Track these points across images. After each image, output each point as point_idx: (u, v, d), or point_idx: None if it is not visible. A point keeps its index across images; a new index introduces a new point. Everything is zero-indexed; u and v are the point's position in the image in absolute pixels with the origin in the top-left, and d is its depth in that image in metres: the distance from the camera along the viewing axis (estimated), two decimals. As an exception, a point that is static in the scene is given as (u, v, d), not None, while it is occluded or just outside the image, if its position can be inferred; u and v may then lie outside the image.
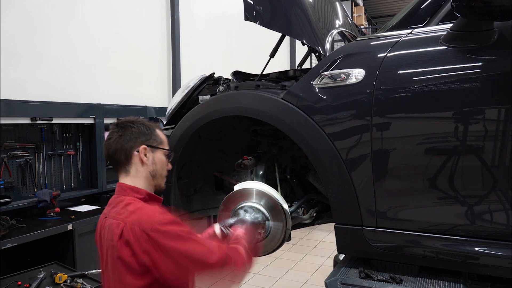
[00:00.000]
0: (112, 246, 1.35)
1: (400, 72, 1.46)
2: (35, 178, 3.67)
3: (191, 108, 2.01)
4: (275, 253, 1.82)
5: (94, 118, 4.08)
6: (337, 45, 1.76)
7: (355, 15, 11.36)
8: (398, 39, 1.51)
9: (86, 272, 2.73)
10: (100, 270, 2.70)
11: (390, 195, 1.47)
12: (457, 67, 1.36)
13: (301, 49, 4.90)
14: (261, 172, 2.05)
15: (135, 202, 1.40)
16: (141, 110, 4.71)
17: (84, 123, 4.07)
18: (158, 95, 5.67)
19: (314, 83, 1.61)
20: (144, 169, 1.46)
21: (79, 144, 4.10)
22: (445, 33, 1.39)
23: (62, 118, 3.81)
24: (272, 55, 2.01)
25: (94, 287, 2.57)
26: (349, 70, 1.53)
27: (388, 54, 1.48)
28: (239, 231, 1.57)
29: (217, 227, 1.66)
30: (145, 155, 1.45)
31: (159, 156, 1.49)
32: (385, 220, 1.47)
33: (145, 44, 5.39)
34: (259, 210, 1.71)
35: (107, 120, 4.25)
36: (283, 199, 1.76)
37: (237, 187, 1.80)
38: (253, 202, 1.73)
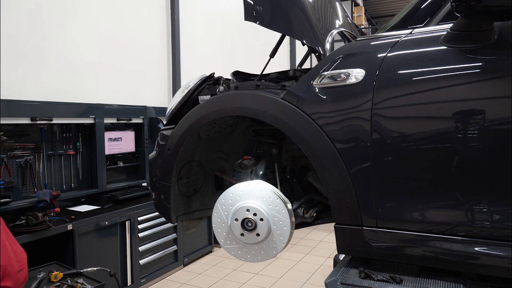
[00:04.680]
0: None
1: (400, 72, 1.46)
2: (35, 178, 3.67)
3: (191, 108, 2.01)
4: (275, 253, 1.82)
5: (94, 118, 4.08)
6: (337, 45, 1.76)
7: (355, 15, 11.37)
8: (398, 39, 1.51)
9: (82, 270, 2.74)
10: (96, 268, 2.72)
11: (390, 195, 1.47)
12: (457, 67, 1.36)
13: (301, 49, 4.90)
14: (261, 172, 2.06)
15: None
16: (141, 110, 4.71)
17: (84, 123, 4.07)
18: (158, 95, 5.67)
19: (314, 83, 1.61)
20: None
21: (79, 144, 4.10)
22: (445, 33, 1.39)
23: (62, 118, 3.81)
24: (272, 55, 2.01)
25: (94, 287, 2.57)
26: (349, 70, 1.53)
27: (388, 54, 1.48)
28: None
29: None
30: None
31: None
32: (385, 220, 1.47)
33: (145, 44, 5.40)
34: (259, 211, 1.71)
35: (107, 120, 4.25)
36: (286, 198, 1.76)
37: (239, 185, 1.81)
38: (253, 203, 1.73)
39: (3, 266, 1.59)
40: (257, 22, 1.87)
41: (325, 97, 1.57)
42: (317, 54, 1.96)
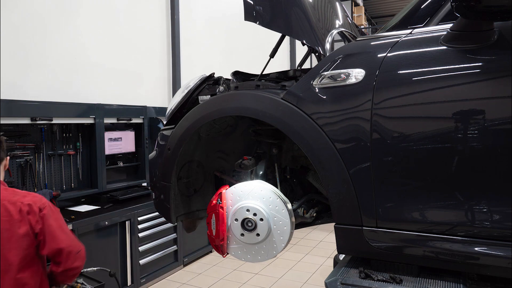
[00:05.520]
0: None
1: (400, 72, 1.46)
2: (35, 178, 3.67)
3: (191, 108, 2.01)
4: (275, 253, 1.82)
5: (94, 118, 4.08)
6: (337, 45, 1.76)
7: (355, 15, 11.36)
8: (398, 39, 1.50)
9: (82, 270, 2.73)
10: (96, 268, 2.75)
11: (390, 195, 1.47)
12: (457, 67, 1.36)
13: (301, 49, 4.90)
14: (261, 172, 2.05)
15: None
16: (141, 110, 4.71)
17: (84, 123, 4.07)
18: (158, 95, 5.67)
19: (314, 83, 1.61)
20: None
21: (79, 144, 4.10)
22: (445, 33, 1.39)
23: (62, 118, 3.81)
24: (272, 55, 2.01)
25: (94, 287, 2.57)
26: (349, 70, 1.53)
27: (388, 54, 1.48)
28: None
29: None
30: None
31: None
32: (385, 220, 1.47)
33: (145, 44, 5.40)
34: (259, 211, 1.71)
35: (107, 120, 4.25)
36: (286, 198, 1.76)
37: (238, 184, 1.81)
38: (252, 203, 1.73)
39: (82, 250, 2.04)
40: (257, 22, 1.87)
41: (325, 97, 1.57)
42: (317, 54, 1.96)
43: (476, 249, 1.35)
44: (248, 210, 1.72)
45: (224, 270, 4.79)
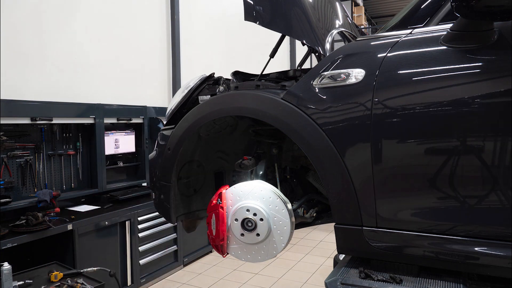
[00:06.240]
0: None
1: (400, 72, 1.46)
2: (35, 178, 3.67)
3: (191, 108, 2.01)
4: (275, 253, 1.82)
5: (94, 118, 4.08)
6: (337, 45, 1.76)
7: (355, 15, 11.36)
8: (398, 39, 1.51)
9: (82, 270, 2.74)
10: (96, 268, 2.70)
11: (390, 195, 1.47)
12: (457, 67, 1.36)
13: (301, 49, 4.90)
14: (261, 172, 2.06)
15: None
16: (141, 110, 4.71)
17: (84, 123, 4.07)
18: (158, 95, 5.67)
19: (314, 83, 1.61)
20: None
21: (79, 144, 4.11)
22: (445, 33, 1.39)
23: (62, 118, 3.81)
24: (272, 55, 2.01)
25: (94, 287, 2.57)
26: (349, 70, 1.53)
27: (388, 54, 1.48)
28: None
29: None
30: None
31: None
32: (385, 220, 1.47)
33: (145, 44, 5.40)
34: (259, 211, 1.71)
35: (107, 120, 4.25)
36: (286, 198, 1.76)
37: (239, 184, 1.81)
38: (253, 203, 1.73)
39: None
40: (257, 22, 1.87)
41: (325, 97, 1.57)
42: (317, 54, 1.96)
43: (476, 249, 1.35)
44: (248, 210, 1.72)
45: (224, 270, 4.79)
